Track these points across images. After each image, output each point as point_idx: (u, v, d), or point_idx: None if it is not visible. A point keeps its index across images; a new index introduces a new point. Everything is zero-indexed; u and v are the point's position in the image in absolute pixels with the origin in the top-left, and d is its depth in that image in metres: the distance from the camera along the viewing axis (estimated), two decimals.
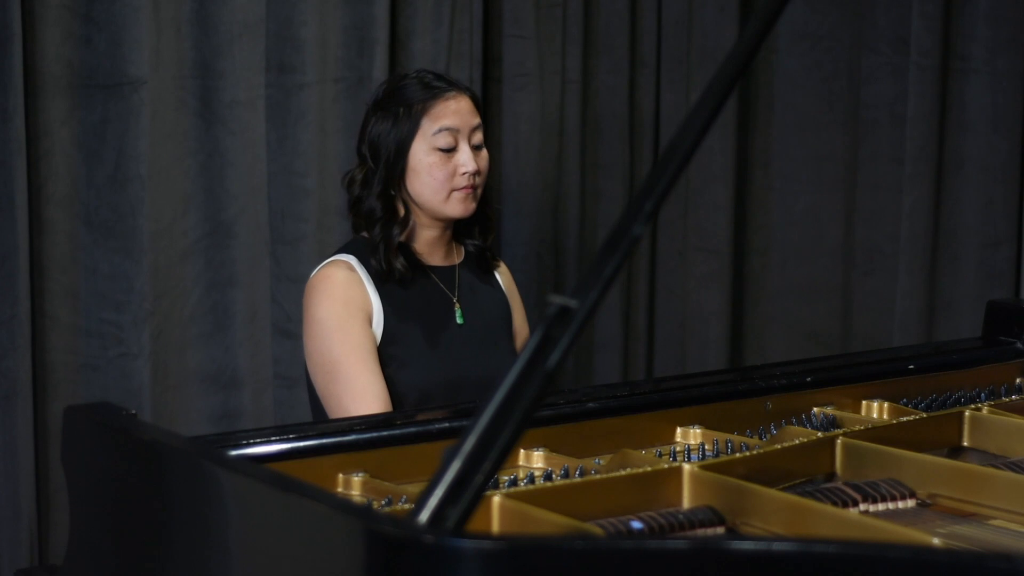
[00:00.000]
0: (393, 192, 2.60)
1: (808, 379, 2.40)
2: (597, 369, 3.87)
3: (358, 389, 2.47)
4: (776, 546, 1.42)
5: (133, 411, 1.88)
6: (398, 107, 2.57)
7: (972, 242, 4.11)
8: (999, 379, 2.53)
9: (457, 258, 2.69)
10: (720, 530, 1.83)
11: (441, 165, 2.56)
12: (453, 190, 2.58)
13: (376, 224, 2.59)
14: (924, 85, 4.01)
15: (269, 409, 3.30)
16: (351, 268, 2.58)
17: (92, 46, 3.04)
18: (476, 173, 2.58)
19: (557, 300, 1.50)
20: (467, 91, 2.63)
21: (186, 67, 3.15)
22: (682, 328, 4.01)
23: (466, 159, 2.57)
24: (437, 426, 2.11)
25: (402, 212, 2.60)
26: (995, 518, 1.92)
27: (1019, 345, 2.61)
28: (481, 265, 2.72)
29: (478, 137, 2.60)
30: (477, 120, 2.61)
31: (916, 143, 4.03)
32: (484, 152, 2.62)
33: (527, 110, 3.66)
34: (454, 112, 2.57)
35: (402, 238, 2.60)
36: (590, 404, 2.24)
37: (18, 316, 2.95)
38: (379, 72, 3.33)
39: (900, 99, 4.04)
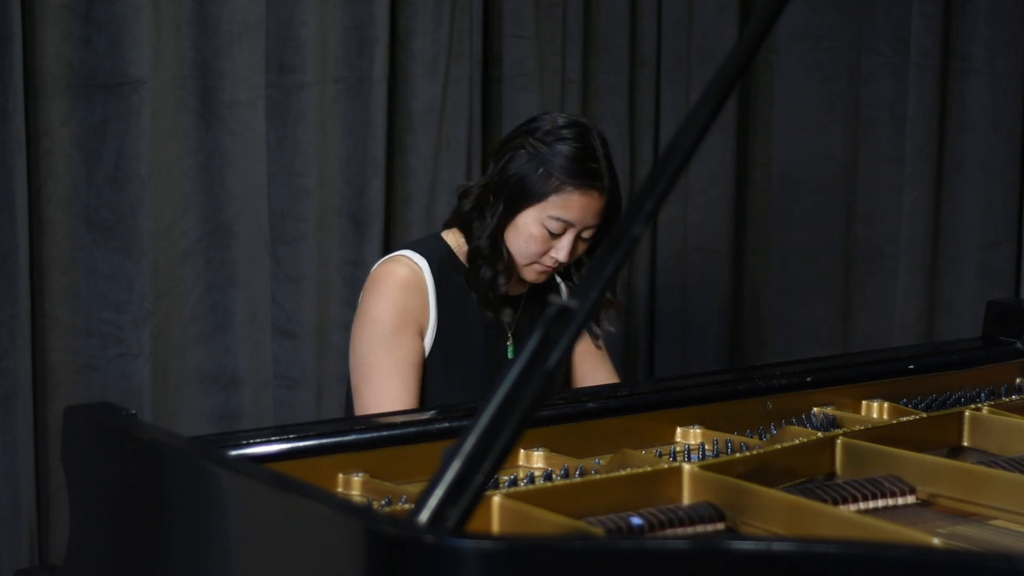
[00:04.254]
0: (500, 234, 2.53)
1: (808, 379, 2.40)
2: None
3: (387, 402, 2.45)
4: (776, 546, 1.42)
5: (133, 411, 1.88)
6: (541, 164, 2.48)
7: (972, 242, 4.11)
8: (999, 379, 2.53)
9: (525, 286, 2.62)
10: (720, 526, 1.84)
11: (540, 241, 2.50)
12: (536, 262, 2.53)
13: (481, 262, 2.53)
14: (924, 85, 4.01)
15: (269, 409, 3.29)
16: (418, 272, 2.52)
17: (92, 46, 3.04)
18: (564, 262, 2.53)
19: (557, 300, 1.50)
20: (609, 190, 2.51)
21: (186, 67, 3.15)
22: (682, 328, 4.01)
23: (564, 250, 2.50)
24: (437, 426, 2.11)
25: (505, 256, 2.53)
26: (995, 518, 1.92)
27: (1019, 345, 2.62)
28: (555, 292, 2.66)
29: (589, 232, 2.53)
30: (599, 220, 2.52)
31: (916, 143, 4.03)
32: (586, 244, 2.55)
33: (527, 110, 3.65)
34: (581, 208, 2.49)
35: (506, 289, 2.54)
36: (590, 404, 2.24)
37: (18, 316, 2.95)
38: (379, 72, 3.33)
39: (900, 99, 4.04)
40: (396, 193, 3.45)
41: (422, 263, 2.52)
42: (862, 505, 1.92)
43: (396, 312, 2.48)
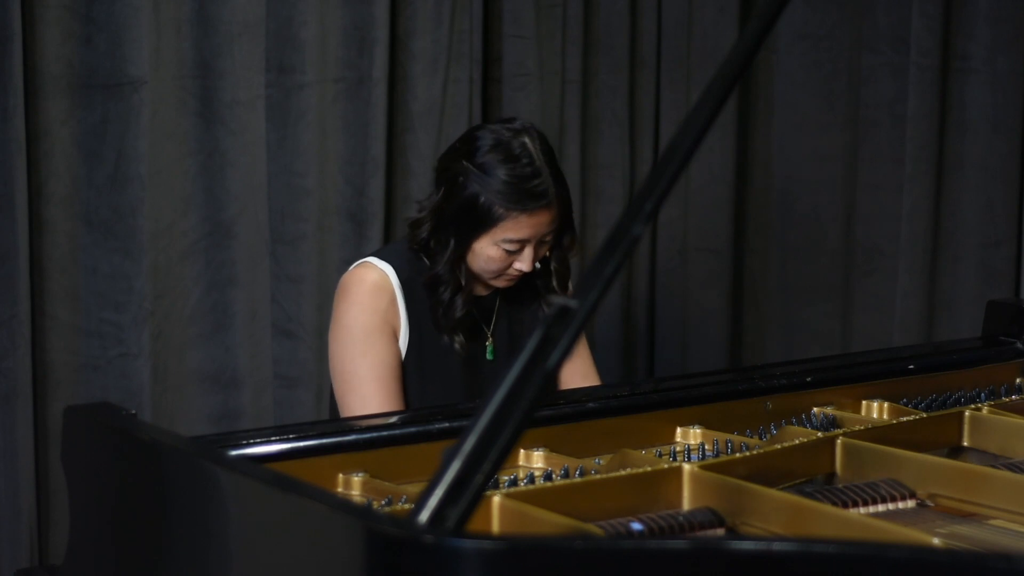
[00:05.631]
0: (457, 263, 2.52)
1: (808, 379, 2.40)
2: (597, 369, 3.86)
3: (372, 409, 2.45)
4: (776, 546, 1.42)
5: (133, 411, 1.89)
6: (483, 193, 2.44)
7: (972, 242, 4.11)
8: (999, 379, 2.53)
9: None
10: (720, 532, 1.83)
11: (500, 259, 2.48)
12: (502, 274, 2.52)
13: (440, 287, 2.51)
14: (924, 85, 4.01)
15: (269, 409, 3.30)
16: (385, 277, 2.51)
17: (92, 46, 3.04)
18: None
19: (557, 300, 1.50)
20: (556, 200, 2.48)
21: (186, 67, 3.15)
22: (682, 328, 4.01)
23: (524, 262, 2.49)
24: (437, 426, 2.11)
25: (464, 282, 2.52)
26: (995, 518, 1.92)
27: (1019, 345, 2.61)
28: (530, 292, 2.64)
29: (549, 236, 2.51)
30: (554, 226, 2.50)
31: (916, 143, 4.03)
32: (547, 246, 2.54)
33: (527, 110, 3.65)
34: (532, 227, 2.47)
35: (463, 312, 2.52)
36: (590, 404, 2.24)
37: (18, 316, 2.95)
38: (379, 72, 3.33)
39: (900, 99, 4.04)
40: (396, 193, 3.45)
41: (388, 269, 2.52)
42: (862, 510, 1.92)
43: (368, 316, 2.48)
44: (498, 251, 2.48)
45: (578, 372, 2.69)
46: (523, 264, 2.50)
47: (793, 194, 4.10)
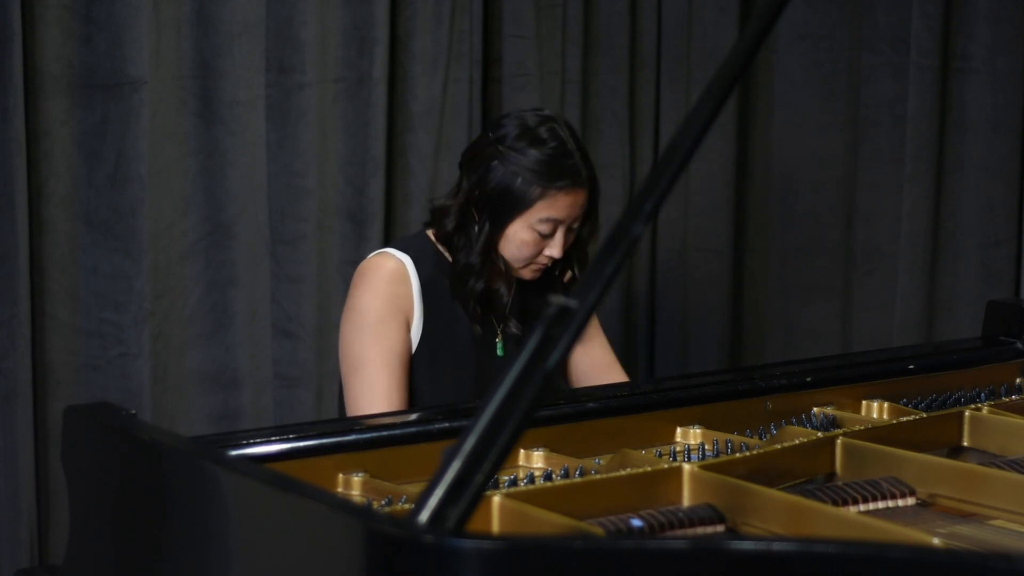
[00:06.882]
0: (492, 249, 2.54)
1: (808, 379, 2.40)
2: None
3: (376, 394, 2.47)
4: (776, 546, 1.42)
5: (133, 411, 1.89)
6: (519, 174, 2.49)
7: (972, 242, 4.11)
8: (999, 379, 2.53)
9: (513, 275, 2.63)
10: (720, 528, 1.84)
11: (533, 244, 2.52)
12: (532, 263, 2.55)
13: (471, 277, 2.54)
14: (924, 85, 4.01)
15: (269, 409, 3.30)
16: (403, 267, 2.53)
17: (92, 46, 3.04)
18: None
19: (557, 300, 1.50)
20: (588, 182, 2.54)
21: (186, 67, 3.15)
22: (682, 328, 4.01)
23: (556, 247, 2.52)
24: (437, 426, 2.11)
25: (503, 267, 2.55)
26: (995, 518, 1.92)
27: (1019, 345, 2.61)
28: (546, 282, 2.65)
29: (577, 222, 2.56)
30: (582, 212, 2.55)
31: (916, 143, 4.03)
32: (574, 234, 2.57)
33: None
34: (567, 206, 2.51)
35: (508, 299, 2.57)
36: (590, 404, 2.24)
37: (18, 316, 2.95)
38: (379, 72, 3.33)
39: (900, 99, 4.04)
40: (396, 193, 3.46)
41: (406, 259, 2.54)
42: (862, 507, 1.92)
43: (382, 303, 2.50)
44: (532, 234, 2.51)
45: (603, 364, 2.71)
46: (554, 250, 2.53)
47: (793, 194, 4.10)
